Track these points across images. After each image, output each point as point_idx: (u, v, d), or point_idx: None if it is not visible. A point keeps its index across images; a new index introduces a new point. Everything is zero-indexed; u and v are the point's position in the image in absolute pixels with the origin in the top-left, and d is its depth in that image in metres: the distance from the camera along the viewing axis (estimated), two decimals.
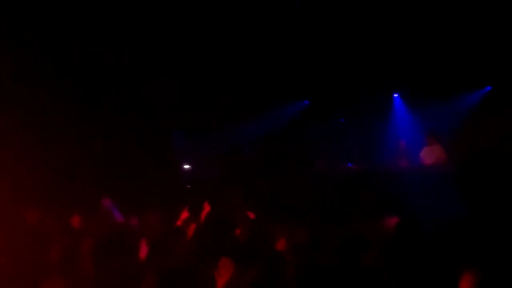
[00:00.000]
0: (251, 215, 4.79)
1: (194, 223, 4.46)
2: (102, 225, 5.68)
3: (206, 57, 11.46)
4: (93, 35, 10.11)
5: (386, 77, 12.07)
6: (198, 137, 13.12)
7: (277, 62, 11.73)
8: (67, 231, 5.58)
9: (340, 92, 12.43)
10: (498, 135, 10.46)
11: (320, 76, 12.04)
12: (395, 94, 13.57)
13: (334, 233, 4.48)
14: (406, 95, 13.32)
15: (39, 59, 9.67)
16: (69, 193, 8.65)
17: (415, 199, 6.84)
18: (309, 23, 10.55)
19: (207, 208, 5.03)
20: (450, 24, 10.29)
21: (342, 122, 13.59)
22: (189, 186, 12.74)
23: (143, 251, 3.92)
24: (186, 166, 13.78)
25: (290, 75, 12.11)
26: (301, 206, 7.94)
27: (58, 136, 10.25)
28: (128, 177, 10.62)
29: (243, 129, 13.09)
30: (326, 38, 10.86)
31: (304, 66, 11.74)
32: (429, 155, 10.47)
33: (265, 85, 12.37)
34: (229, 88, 12.29)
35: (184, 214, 4.83)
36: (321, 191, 9.32)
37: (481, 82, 12.43)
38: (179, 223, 4.72)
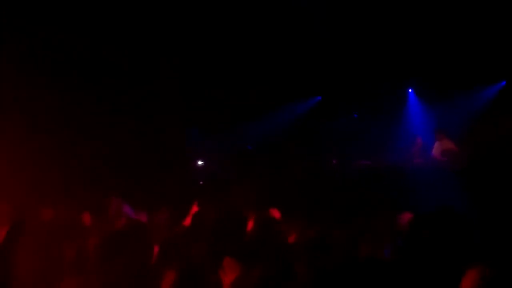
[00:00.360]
0: (263, 213, 4.75)
1: (203, 221, 4.42)
2: (111, 223, 5.66)
3: (220, 55, 11.46)
4: (103, 33, 10.13)
5: (400, 72, 11.99)
6: (212, 134, 13.12)
7: (290, 58, 11.69)
8: (79, 230, 5.57)
9: (353, 87, 12.36)
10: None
11: (333, 72, 11.98)
12: (410, 89, 13.47)
13: (345, 230, 4.43)
14: (420, 90, 13.22)
15: (46, 60, 9.72)
16: (81, 192, 8.65)
17: (429, 196, 6.77)
18: (323, 19, 10.50)
19: (195, 208, 5.04)
20: (465, 18, 10.19)
21: (356, 118, 13.51)
22: (202, 182, 12.75)
23: (153, 249, 3.89)
24: (200, 163, 13.79)
25: (302, 71, 12.06)
26: (314, 203, 7.89)
27: (69, 136, 10.29)
28: (140, 175, 10.64)
29: (256, 126, 13.06)
30: (340, 33, 10.80)
31: (317, 62, 11.68)
32: (441, 150, 10.43)
33: (278, 81, 12.33)
34: (242, 85, 12.28)
35: (194, 211, 4.82)
36: (334, 188, 9.28)
37: (496, 77, 12.30)
38: (188, 220, 4.70)
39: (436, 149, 10.56)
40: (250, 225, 4.28)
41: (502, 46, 10.59)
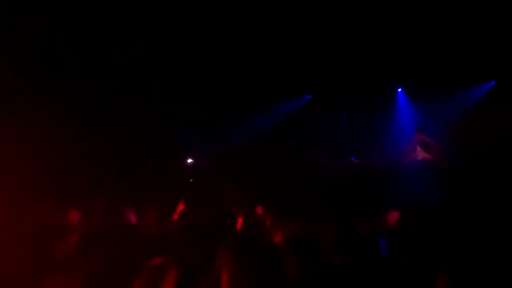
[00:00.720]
0: (251, 211, 4.75)
1: (192, 219, 4.42)
2: (98, 222, 5.65)
3: (209, 54, 11.44)
4: (93, 32, 10.09)
5: (390, 71, 12.01)
6: (202, 133, 13.11)
7: (279, 57, 11.69)
8: (66, 228, 5.56)
9: (343, 86, 12.38)
10: (502, 130, 10.40)
11: (323, 71, 11.99)
12: (399, 88, 13.50)
13: (334, 228, 4.43)
14: (410, 89, 13.26)
15: (37, 57, 9.67)
16: (68, 191, 8.63)
17: (417, 194, 6.80)
18: (313, 18, 10.50)
19: (181, 206, 5.04)
20: (455, 18, 10.23)
21: (345, 117, 13.53)
22: (191, 180, 12.72)
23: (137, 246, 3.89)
24: (189, 160, 13.76)
25: (292, 69, 12.06)
26: (302, 201, 7.90)
27: (57, 133, 10.24)
28: (129, 172, 10.62)
29: (245, 124, 13.05)
30: (330, 32, 10.80)
31: (306, 61, 11.69)
32: (420, 151, 10.52)
33: (267, 80, 12.33)
34: (230, 83, 12.27)
35: (181, 208, 4.82)
36: (323, 186, 9.29)
37: (485, 77, 12.36)
38: (175, 217, 4.70)
39: (416, 149, 10.63)
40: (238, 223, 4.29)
41: (492, 46, 10.65)
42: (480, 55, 10.96)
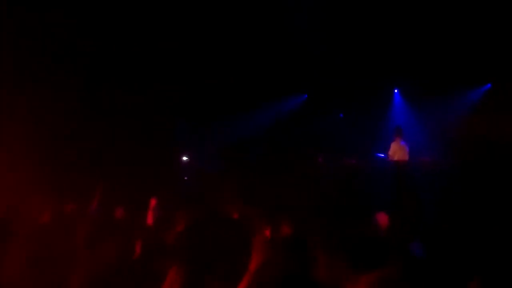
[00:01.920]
0: (243, 210, 4.79)
1: (184, 218, 4.46)
2: (94, 216, 5.70)
3: (206, 53, 11.47)
4: (91, 32, 10.14)
5: (386, 72, 12.05)
6: (198, 130, 13.15)
7: (277, 56, 11.73)
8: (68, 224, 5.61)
9: (340, 86, 12.41)
10: (497, 132, 10.45)
11: (319, 71, 12.03)
12: (395, 89, 13.55)
13: (327, 228, 4.48)
14: (406, 90, 13.30)
15: (32, 57, 9.71)
16: (66, 187, 8.69)
17: (412, 193, 6.85)
18: (311, 18, 10.54)
19: (153, 202, 5.10)
20: (451, 20, 10.28)
21: (341, 118, 13.59)
22: (186, 178, 12.78)
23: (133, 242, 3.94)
24: (184, 158, 13.81)
25: (289, 69, 12.10)
26: (297, 200, 7.95)
27: (54, 131, 10.28)
28: (124, 169, 10.67)
29: (241, 123, 13.10)
30: (327, 33, 10.84)
31: (303, 61, 11.73)
32: (395, 152, 10.56)
33: (263, 79, 12.38)
34: (226, 83, 12.32)
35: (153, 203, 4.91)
36: (318, 185, 9.34)
37: (481, 80, 12.42)
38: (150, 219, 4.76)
39: (391, 149, 10.66)
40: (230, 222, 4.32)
41: (488, 49, 10.69)
42: (476, 58, 11.01)
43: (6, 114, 9.04)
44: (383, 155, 11.23)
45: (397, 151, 10.46)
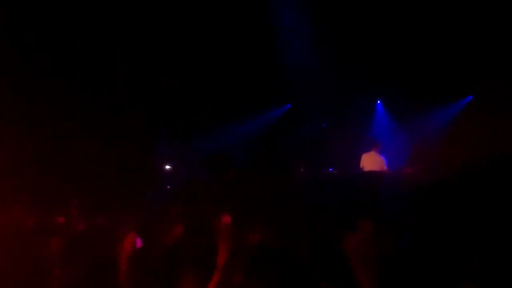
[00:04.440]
0: (225, 218, 4.71)
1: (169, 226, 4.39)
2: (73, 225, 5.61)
3: (191, 61, 11.45)
4: (83, 35, 10.08)
5: (369, 83, 12.10)
6: (181, 140, 13.09)
7: (260, 66, 11.73)
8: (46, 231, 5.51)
9: (322, 96, 12.44)
10: (479, 144, 10.51)
11: (302, 80, 12.05)
12: (378, 100, 13.62)
13: (307, 237, 4.42)
14: (388, 102, 13.38)
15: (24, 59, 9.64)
16: (47, 193, 8.56)
17: (392, 204, 6.82)
18: (294, 29, 10.57)
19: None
20: (434, 32, 10.36)
21: (324, 128, 13.60)
22: (169, 187, 12.67)
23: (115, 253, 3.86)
24: (167, 167, 13.71)
25: (272, 78, 12.11)
26: (278, 210, 7.88)
27: (36, 135, 10.17)
28: (103, 177, 10.56)
29: (224, 133, 13.07)
30: (310, 42, 10.87)
31: (285, 70, 11.75)
32: (368, 161, 10.57)
33: (246, 89, 12.38)
34: (210, 92, 12.30)
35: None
36: (300, 195, 9.29)
37: (463, 92, 12.52)
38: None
39: (364, 159, 10.69)
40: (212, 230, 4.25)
41: (471, 61, 10.79)
42: (458, 69, 11.11)
43: None
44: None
45: (370, 163, 10.44)
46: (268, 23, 10.49)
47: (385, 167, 10.32)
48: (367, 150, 10.59)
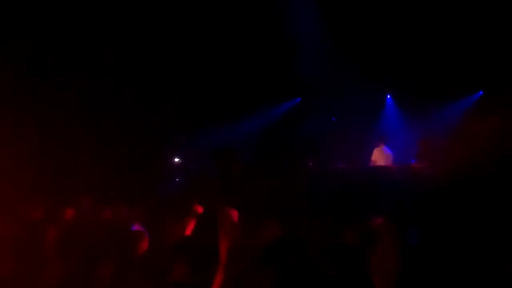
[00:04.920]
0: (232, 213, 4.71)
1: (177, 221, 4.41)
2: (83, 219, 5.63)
3: (200, 55, 11.45)
4: (90, 35, 10.11)
5: (379, 77, 12.05)
6: (191, 134, 13.11)
7: (270, 59, 11.71)
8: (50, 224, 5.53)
9: (332, 91, 12.41)
10: (489, 139, 10.44)
11: (313, 74, 12.01)
12: (388, 95, 13.56)
13: (320, 232, 4.42)
14: (398, 96, 13.33)
15: (34, 59, 9.66)
16: (57, 188, 8.62)
17: (402, 199, 6.81)
18: (304, 23, 10.54)
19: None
20: (445, 27, 10.31)
21: (334, 122, 13.56)
22: (177, 179, 12.70)
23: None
24: (176, 160, 13.72)
25: (282, 72, 12.09)
26: (288, 205, 7.88)
27: (50, 135, 10.22)
28: (117, 171, 10.62)
29: (234, 127, 13.06)
30: (320, 36, 10.84)
31: (296, 64, 11.72)
32: (376, 155, 10.84)
33: (256, 82, 12.36)
34: (220, 85, 12.29)
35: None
36: (310, 189, 9.28)
37: (473, 87, 12.45)
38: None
39: (374, 155, 10.94)
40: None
41: (481, 56, 10.74)
42: (469, 64, 11.05)
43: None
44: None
45: (380, 157, 10.53)
46: (279, 19, 10.45)
47: (391, 162, 10.40)
48: (377, 144, 10.68)
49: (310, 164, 11.88)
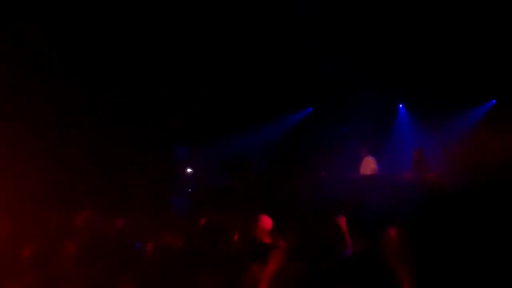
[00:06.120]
0: (246, 222, 4.72)
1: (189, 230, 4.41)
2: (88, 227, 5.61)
3: (210, 65, 11.47)
4: (96, 39, 10.13)
5: (392, 87, 12.02)
6: (202, 144, 13.14)
7: (282, 69, 11.72)
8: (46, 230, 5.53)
9: (345, 100, 12.39)
10: (501, 148, 10.38)
11: (324, 84, 12.01)
12: (400, 104, 13.53)
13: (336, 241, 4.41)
14: (411, 105, 13.29)
15: (41, 61, 9.70)
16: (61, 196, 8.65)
17: (414, 209, 6.78)
18: (314, 32, 10.54)
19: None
20: (457, 35, 10.29)
21: (346, 132, 13.57)
22: (190, 190, 12.73)
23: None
24: (189, 170, 13.76)
25: (294, 82, 12.10)
26: (300, 212, 7.89)
27: (50, 138, 10.24)
28: (123, 180, 10.63)
29: (246, 137, 13.08)
30: (332, 46, 10.83)
31: (308, 74, 11.73)
32: (365, 167, 11.13)
33: (269, 93, 12.37)
34: (233, 95, 12.31)
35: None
36: (322, 198, 9.27)
37: (486, 96, 12.40)
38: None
39: (362, 165, 11.26)
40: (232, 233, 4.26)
41: (494, 65, 10.69)
42: (481, 73, 11.01)
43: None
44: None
45: (366, 168, 11.05)
46: (291, 28, 10.46)
47: (376, 170, 10.95)
48: (364, 155, 11.23)
49: (323, 174, 11.87)
